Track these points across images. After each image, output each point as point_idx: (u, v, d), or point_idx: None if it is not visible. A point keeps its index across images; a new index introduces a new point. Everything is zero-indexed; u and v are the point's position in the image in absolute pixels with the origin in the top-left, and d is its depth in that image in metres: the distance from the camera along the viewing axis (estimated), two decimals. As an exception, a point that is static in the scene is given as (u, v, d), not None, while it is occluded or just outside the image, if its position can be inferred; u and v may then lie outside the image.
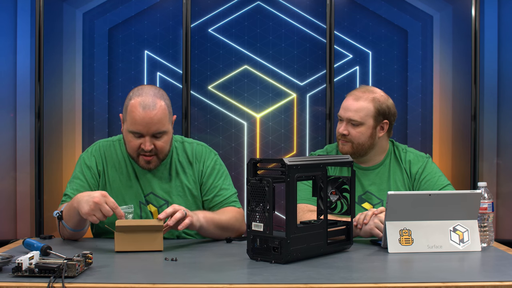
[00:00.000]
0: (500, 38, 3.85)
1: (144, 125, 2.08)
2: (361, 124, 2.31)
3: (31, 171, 3.75)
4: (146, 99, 2.09)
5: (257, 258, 1.75)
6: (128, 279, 1.55)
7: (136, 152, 2.14)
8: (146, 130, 2.09)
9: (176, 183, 2.24)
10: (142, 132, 2.10)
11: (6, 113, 3.80)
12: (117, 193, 2.21)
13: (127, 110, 2.12)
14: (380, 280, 1.54)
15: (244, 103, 3.91)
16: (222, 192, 2.26)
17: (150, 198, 2.22)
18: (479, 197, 1.96)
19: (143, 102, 2.09)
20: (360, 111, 2.31)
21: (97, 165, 2.24)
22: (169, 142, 2.18)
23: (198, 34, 3.89)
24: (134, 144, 2.12)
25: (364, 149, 2.33)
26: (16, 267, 1.55)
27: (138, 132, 2.10)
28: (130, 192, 2.21)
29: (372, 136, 2.33)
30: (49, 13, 3.76)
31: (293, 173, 1.73)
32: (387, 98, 2.37)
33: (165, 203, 2.22)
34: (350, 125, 2.32)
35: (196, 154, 2.29)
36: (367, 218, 2.05)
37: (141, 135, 2.11)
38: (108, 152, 2.26)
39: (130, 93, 2.15)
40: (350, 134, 2.32)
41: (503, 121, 3.84)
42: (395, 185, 2.36)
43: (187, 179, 2.25)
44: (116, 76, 3.90)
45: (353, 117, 2.31)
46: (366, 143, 2.32)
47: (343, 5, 3.92)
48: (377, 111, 2.32)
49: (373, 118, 2.32)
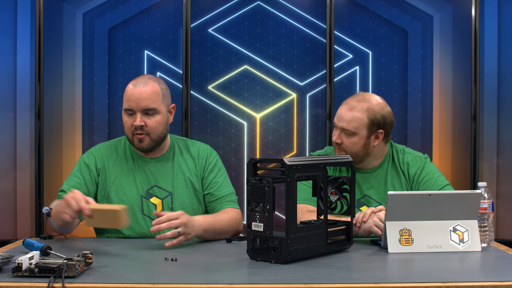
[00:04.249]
0: (500, 38, 3.85)
1: (134, 100, 2.18)
2: (354, 134, 2.27)
3: (31, 171, 3.75)
4: (140, 79, 2.24)
5: (257, 258, 1.75)
6: (128, 279, 1.55)
7: (130, 131, 2.21)
8: (136, 105, 2.18)
9: (179, 175, 2.29)
10: (133, 108, 2.19)
11: (6, 113, 3.80)
12: (119, 188, 2.24)
13: (124, 93, 2.23)
14: (380, 280, 1.54)
15: (244, 103, 3.91)
16: (222, 188, 2.32)
17: (154, 191, 2.26)
18: (479, 197, 1.96)
19: (136, 81, 2.23)
20: (353, 121, 2.27)
21: (97, 163, 2.28)
22: (162, 124, 2.24)
23: (198, 34, 3.89)
24: (129, 123, 2.21)
25: (358, 157, 2.31)
26: (16, 267, 1.54)
27: (130, 108, 2.20)
28: (132, 186, 2.25)
29: (365, 146, 2.30)
30: (49, 13, 3.76)
31: (293, 173, 1.73)
32: (383, 106, 2.32)
33: (168, 194, 2.26)
34: (344, 134, 2.29)
35: (199, 150, 2.36)
36: (366, 217, 2.05)
37: (132, 112, 2.19)
38: (109, 151, 2.32)
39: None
40: (344, 143, 2.29)
41: (503, 121, 3.84)
42: (392, 188, 2.34)
43: (189, 172, 2.30)
44: (116, 76, 3.90)
45: (346, 127, 2.28)
46: (360, 152, 2.30)
47: (343, 5, 3.92)
48: (371, 122, 2.27)
49: (367, 129, 2.28)
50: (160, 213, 1.99)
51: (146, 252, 1.90)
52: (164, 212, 2.00)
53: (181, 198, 2.27)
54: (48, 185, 3.75)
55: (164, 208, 2.25)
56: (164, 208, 2.25)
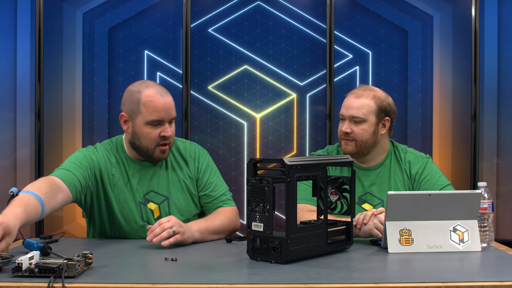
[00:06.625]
0: (500, 38, 3.85)
1: (165, 110, 2.13)
2: (364, 121, 2.31)
3: (31, 171, 3.75)
4: (157, 88, 2.16)
5: (257, 258, 1.75)
6: (128, 279, 1.55)
7: (155, 143, 2.15)
8: (167, 115, 2.14)
9: (174, 178, 2.26)
10: (164, 118, 2.13)
11: (6, 113, 3.80)
12: (119, 194, 2.20)
13: (139, 104, 2.12)
14: (380, 280, 1.54)
15: (244, 103, 3.91)
16: (217, 188, 2.30)
17: (151, 196, 2.22)
18: (479, 197, 1.96)
19: (158, 90, 2.14)
20: (362, 108, 2.31)
21: (99, 162, 2.19)
22: None
23: (198, 34, 3.89)
24: (154, 134, 2.14)
25: (367, 147, 2.33)
26: (16, 267, 1.54)
27: (159, 119, 2.13)
28: (130, 192, 2.21)
29: (375, 134, 2.33)
30: (49, 13, 3.76)
31: (293, 173, 1.73)
32: (386, 96, 2.39)
33: (165, 199, 2.23)
34: (353, 123, 2.33)
35: (189, 152, 2.32)
36: (367, 219, 2.05)
37: (160, 123, 2.13)
38: (108, 153, 2.23)
39: (133, 89, 2.16)
40: (353, 132, 2.32)
41: (503, 121, 3.84)
42: (395, 185, 2.36)
43: (183, 175, 2.28)
44: (116, 76, 3.90)
45: (355, 114, 2.31)
46: (369, 140, 2.33)
47: (343, 5, 3.92)
48: (379, 108, 2.33)
49: (375, 115, 2.33)
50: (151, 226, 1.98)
51: (146, 252, 1.90)
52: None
53: (177, 202, 2.24)
54: (48, 185, 3.74)
55: (161, 213, 2.22)
56: (161, 213, 2.22)
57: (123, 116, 2.18)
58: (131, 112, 2.15)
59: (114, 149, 2.25)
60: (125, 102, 2.18)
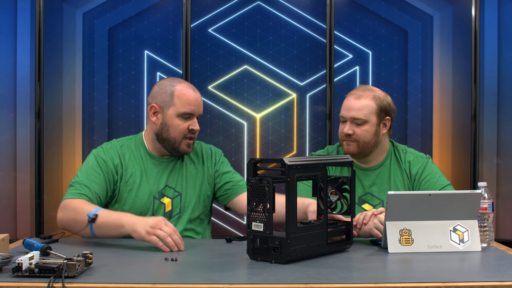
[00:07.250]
0: (500, 38, 3.85)
1: (197, 105, 2.25)
2: (365, 122, 2.31)
3: (31, 171, 3.75)
4: (189, 84, 2.29)
5: (257, 258, 1.75)
6: (128, 279, 1.54)
7: (183, 135, 2.23)
8: (198, 110, 2.26)
9: (189, 176, 2.32)
10: (194, 112, 2.25)
11: (6, 113, 3.80)
12: (133, 189, 2.24)
13: (173, 96, 2.23)
14: (380, 280, 1.54)
15: (244, 103, 3.91)
16: (236, 176, 2.38)
17: (166, 191, 2.27)
18: (479, 197, 1.96)
19: (190, 86, 2.28)
20: (363, 109, 2.31)
21: (114, 160, 2.25)
22: None
23: (198, 34, 3.89)
24: (183, 126, 2.23)
25: (369, 148, 2.34)
26: (16, 267, 1.54)
27: (191, 112, 2.23)
28: (146, 187, 2.25)
29: (376, 134, 2.34)
30: (49, 13, 3.76)
31: (293, 173, 1.73)
32: (385, 95, 2.39)
33: (178, 194, 2.28)
34: (354, 124, 2.33)
35: (205, 151, 2.40)
36: (367, 219, 2.05)
37: (189, 116, 2.24)
38: (123, 149, 2.29)
39: (165, 82, 2.27)
40: (355, 133, 2.32)
41: (503, 121, 3.84)
42: (395, 185, 2.36)
43: (198, 174, 2.33)
44: (116, 76, 3.90)
45: (357, 115, 2.31)
46: (371, 141, 2.33)
47: (343, 5, 3.92)
48: (380, 108, 2.33)
49: (376, 115, 2.33)
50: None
51: (146, 252, 1.90)
52: None
53: (189, 199, 2.29)
54: (48, 185, 3.75)
55: (173, 208, 2.26)
56: (173, 208, 2.26)
57: (154, 107, 2.26)
58: (163, 103, 2.23)
59: (132, 144, 2.31)
60: (155, 94, 2.26)
